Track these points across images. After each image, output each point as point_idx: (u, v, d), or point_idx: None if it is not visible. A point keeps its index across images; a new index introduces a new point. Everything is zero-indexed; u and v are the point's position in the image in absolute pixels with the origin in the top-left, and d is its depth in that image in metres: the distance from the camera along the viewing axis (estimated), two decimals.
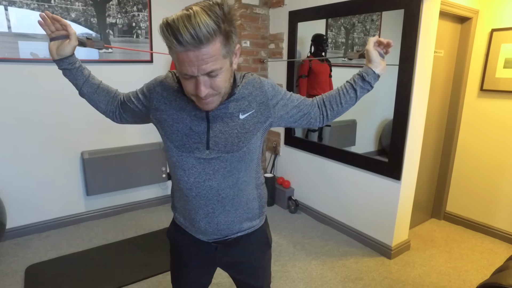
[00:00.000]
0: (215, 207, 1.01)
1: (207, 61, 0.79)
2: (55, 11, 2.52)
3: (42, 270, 2.26)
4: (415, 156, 2.43)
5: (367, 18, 2.59)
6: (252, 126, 0.98)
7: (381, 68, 1.09)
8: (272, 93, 1.01)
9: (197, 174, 0.98)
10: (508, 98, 2.66)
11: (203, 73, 0.81)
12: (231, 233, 1.06)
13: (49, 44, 1.01)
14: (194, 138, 0.95)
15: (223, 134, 0.95)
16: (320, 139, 3.15)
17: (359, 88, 1.09)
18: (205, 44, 0.77)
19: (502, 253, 2.62)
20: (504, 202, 2.77)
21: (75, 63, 1.07)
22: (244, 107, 0.96)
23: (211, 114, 0.95)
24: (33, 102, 2.58)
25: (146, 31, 2.94)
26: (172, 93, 0.98)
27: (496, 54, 2.68)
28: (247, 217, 1.08)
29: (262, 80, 1.01)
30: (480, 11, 2.74)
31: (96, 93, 1.12)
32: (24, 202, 2.67)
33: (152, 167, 3.11)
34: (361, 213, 2.69)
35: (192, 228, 1.07)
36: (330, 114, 1.11)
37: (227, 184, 0.99)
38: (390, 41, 1.07)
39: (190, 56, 0.78)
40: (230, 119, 0.95)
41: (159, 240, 2.67)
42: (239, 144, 0.96)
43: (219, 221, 1.02)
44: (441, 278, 2.29)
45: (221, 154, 0.96)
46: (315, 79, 3.08)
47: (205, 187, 0.98)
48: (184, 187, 1.00)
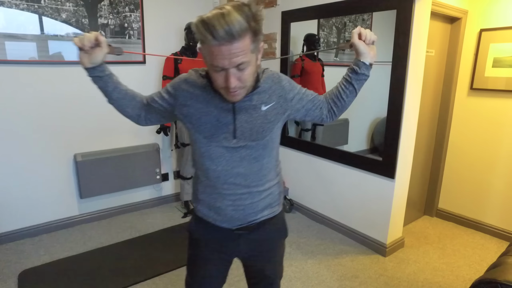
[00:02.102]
0: (242, 193, 1.08)
1: (237, 55, 0.87)
2: (45, 12, 2.48)
3: (35, 275, 2.23)
4: (408, 154, 2.46)
5: (358, 18, 2.61)
6: (273, 117, 1.07)
7: (371, 57, 1.14)
8: (289, 87, 1.11)
9: (225, 162, 1.05)
10: (497, 96, 2.72)
11: (233, 65, 0.89)
12: (254, 218, 1.12)
13: (80, 53, 1.03)
14: (221, 129, 1.03)
15: (248, 124, 1.04)
16: (313, 138, 3.17)
17: (355, 81, 1.16)
18: (237, 39, 0.85)
19: (493, 248, 2.67)
20: (494, 198, 2.83)
21: (105, 70, 1.09)
22: (265, 99, 1.05)
23: (236, 105, 1.02)
24: (24, 105, 2.53)
25: (138, 31, 2.92)
26: (198, 88, 1.05)
27: (485, 54, 2.73)
28: (269, 203, 1.15)
29: (280, 75, 1.11)
30: (469, 12, 2.80)
31: (124, 99, 1.14)
32: (16, 206, 2.63)
33: (146, 168, 3.09)
34: (356, 212, 2.72)
35: (217, 217, 1.12)
36: (336, 110, 1.22)
37: (252, 170, 1.07)
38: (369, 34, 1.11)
39: (223, 50, 0.85)
40: (253, 110, 1.04)
41: (154, 242, 2.65)
42: (263, 133, 1.05)
43: (245, 206, 1.09)
44: (435, 274, 2.33)
45: (247, 142, 1.04)
46: (307, 78, 3.09)
47: (232, 174, 1.06)
48: (212, 176, 1.07)
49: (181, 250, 2.55)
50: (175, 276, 2.26)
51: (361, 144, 2.91)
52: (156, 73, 3.10)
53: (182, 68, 2.95)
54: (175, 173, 3.43)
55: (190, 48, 2.98)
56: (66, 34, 2.59)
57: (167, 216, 3.14)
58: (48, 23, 2.51)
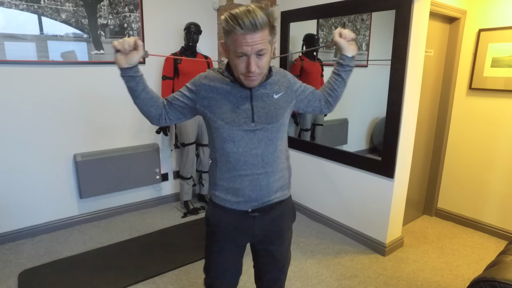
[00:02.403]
0: (259, 173, 1.21)
1: (258, 43, 1.05)
2: (44, 12, 2.48)
3: (35, 275, 2.23)
4: (407, 154, 2.47)
5: (357, 18, 2.62)
6: (283, 104, 1.25)
7: (351, 50, 1.33)
8: (293, 81, 1.32)
9: (245, 144, 1.19)
10: (495, 96, 2.73)
11: (255, 52, 1.06)
12: (268, 199, 1.26)
13: (117, 55, 1.12)
14: (241, 114, 1.18)
15: (263, 109, 1.20)
16: (313, 138, 3.18)
17: (342, 73, 1.37)
18: (259, 30, 1.04)
19: (492, 247, 2.68)
20: (493, 198, 2.84)
21: (139, 71, 1.18)
22: (276, 89, 1.24)
23: (253, 94, 1.20)
24: (23, 105, 2.54)
25: (138, 31, 2.92)
26: (217, 82, 1.21)
27: (484, 54, 2.74)
28: (281, 185, 1.29)
29: (285, 71, 1.33)
30: (467, 12, 2.80)
31: (151, 99, 1.23)
32: (16, 206, 2.63)
33: (145, 168, 3.09)
34: (355, 211, 2.73)
35: (235, 199, 1.25)
36: (332, 101, 1.41)
37: (268, 151, 1.22)
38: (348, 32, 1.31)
39: (247, 38, 1.04)
40: (267, 98, 1.22)
41: (154, 242, 2.66)
42: (277, 116, 1.22)
43: (262, 186, 1.22)
44: (434, 273, 2.34)
45: (263, 125, 1.20)
46: (307, 78, 3.10)
47: (251, 155, 1.20)
48: (233, 158, 1.21)
49: (181, 250, 2.55)
50: (175, 276, 2.26)
51: (360, 144, 2.92)
52: (155, 73, 3.10)
53: (182, 68, 2.95)
54: (174, 173, 3.44)
55: (190, 48, 2.99)
56: (66, 34, 2.60)
57: (166, 216, 3.14)
58: (48, 23, 2.51)
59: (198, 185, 3.43)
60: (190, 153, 3.10)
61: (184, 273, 2.30)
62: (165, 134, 3.09)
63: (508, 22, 2.59)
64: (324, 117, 3.08)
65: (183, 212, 3.19)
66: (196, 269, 2.34)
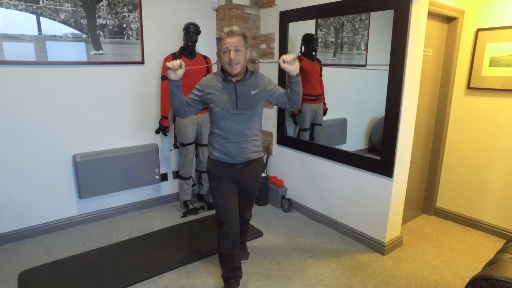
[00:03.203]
0: (241, 140, 1.89)
1: (235, 43, 1.76)
2: (43, 12, 2.48)
3: (35, 275, 2.23)
4: (406, 153, 2.48)
5: (356, 18, 2.63)
6: (258, 98, 1.90)
7: (293, 70, 1.80)
8: (268, 83, 1.95)
9: (231, 122, 1.86)
10: (494, 95, 2.74)
11: (233, 47, 1.76)
12: (248, 157, 1.93)
13: (169, 71, 1.74)
14: (229, 103, 1.85)
15: (244, 100, 1.86)
16: (312, 138, 3.18)
17: (292, 85, 1.87)
18: (235, 35, 1.76)
19: (490, 246, 2.69)
20: (491, 196, 2.85)
21: (180, 81, 1.80)
22: (254, 87, 1.89)
23: (238, 90, 1.85)
24: (22, 105, 2.53)
25: (137, 32, 2.92)
26: (215, 82, 1.88)
27: (482, 53, 2.75)
28: (255, 150, 1.96)
29: (264, 76, 1.97)
30: (465, 11, 2.82)
31: (182, 101, 1.85)
32: (15, 206, 2.63)
33: (145, 168, 3.09)
34: (354, 211, 2.73)
35: (226, 157, 1.91)
36: (291, 102, 1.93)
37: (246, 127, 1.89)
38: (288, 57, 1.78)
39: (228, 39, 1.75)
40: (247, 93, 1.87)
41: (154, 242, 2.66)
42: (253, 106, 1.88)
43: (243, 148, 1.90)
44: (433, 272, 2.35)
45: (243, 110, 1.86)
46: (306, 78, 3.10)
47: (236, 129, 1.87)
48: (224, 130, 1.87)
49: (181, 250, 2.56)
50: (175, 276, 2.26)
51: (359, 143, 2.92)
52: (155, 74, 3.11)
53: None
54: (174, 173, 3.44)
55: (189, 48, 2.99)
56: (64, 34, 2.60)
57: (166, 216, 3.14)
58: (46, 23, 2.51)
59: (197, 185, 3.43)
60: (189, 153, 3.11)
61: (184, 273, 2.30)
62: (164, 134, 3.09)
63: (506, 22, 2.61)
64: (323, 117, 3.09)
65: (183, 212, 3.19)
66: (196, 269, 2.34)
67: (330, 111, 3.02)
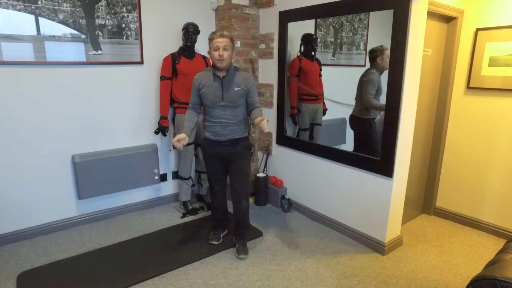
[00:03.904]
0: (226, 124, 2.32)
1: (224, 43, 2.19)
2: (42, 13, 2.47)
3: (34, 276, 2.22)
4: (406, 153, 2.47)
5: (355, 18, 2.62)
6: (240, 94, 2.32)
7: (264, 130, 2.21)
8: (250, 85, 2.36)
9: (219, 111, 2.30)
10: (493, 95, 2.74)
11: (222, 45, 2.18)
12: (232, 136, 2.35)
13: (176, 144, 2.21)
14: (217, 97, 2.28)
15: (228, 95, 2.28)
16: (311, 138, 3.18)
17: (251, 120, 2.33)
18: (225, 37, 2.20)
19: (490, 246, 2.69)
20: (491, 196, 2.85)
21: (190, 135, 2.32)
22: (238, 84, 2.30)
23: (224, 86, 2.27)
24: (21, 106, 2.53)
25: (135, 32, 2.91)
26: (206, 77, 2.30)
27: (481, 53, 2.75)
28: (239, 131, 2.38)
29: (250, 78, 2.38)
30: (465, 11, 2.81)
31: (196, 122, 2.44)
32: (14, 207, 2.62)
33: (144, 169, 3.08)
34: (354, 211, 2.73)
35: (215, 136, 2.35)
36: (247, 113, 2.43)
37: (231, 115, 2.32)
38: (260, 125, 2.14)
39: (219, 40, 2.18)
40: (231, 89, 2.28)
41: (153, 243, 2.65)
42: (235, 99, 2.30)
43: (227, 130, 2.33)
44: (433, 272, 2.34)
45: (227, 103, 2.29)
46: (305, 78, 3.10)
47: (222, 116, 2.31)
48: (213, 116, 2.32)
49: (180, 250, 2.55)
50: (174, 277, 2.26)
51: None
52: (154, 74, 3.10)
53: (180, 68, 2.95)
54: (173, 173, 3.43)
55: (188, 48, 2.98)
56: (63, 35, 2.59)
57: (166, 217, 3.14)
58: (45, 24, 2.50)
59: (196, 185, 3.43)
60: (188, 154, 3.10)
61: (184, 273, 2.29)
62: (164, 135, 3.08)
63: (505, 22, 2.61)
64: (322, 117, 3.08)
65: (182, 213, 3.19)
66: (196, 269, 2.34)
67: (330, 111, 3.02)
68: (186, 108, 3.00)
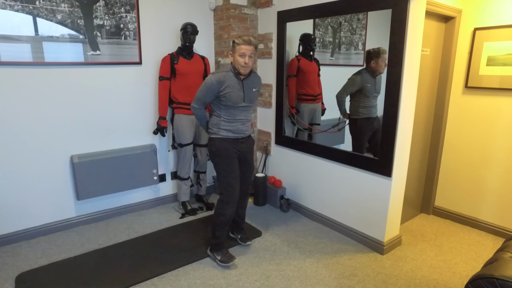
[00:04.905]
0: (243, 122, 2.38)
1: (251, 51, 2.20)
2: (40, 13, 2.46)
3: (33, 278, 2.22)
4: (405, 153, 2.48)
5: (354, 17, 2.63)
6: (257, 95, 2.44)
7: None
8: (259, 87, 2.46)
9: (239, 111, 2.33)
10: (491, 94, 2.74)
11: (248, 53, 2.19)
12: (245, 134, 2.43)
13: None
14: (239, 98, 2.29)
15: (248, 96, 2.34)
16: (310, 138, 3.18)
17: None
18: (251, 45, 2.20)
19: (489, 245, 2.70)
20: (489, 195, 2.85)
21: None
22: (255, 85, 2.39)
23: (244, 88, 2.31)
24: (19, 106, 2.52)
25: (134, 32, 2.91)
26: (229, 79, 2.26)
27: (479, 52, 2.76)
28: (249, 128, 2.46)
29: (260, 77, 2.48)
30: (463, 11, 2.82)
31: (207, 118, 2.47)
32: (12, 208, 2.61)
33: (143, 169, 3.08)
34: (353, 210, 2.73)
35: (233, 134, 2.36)
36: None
37: (247, 115, 2.40)
38: None
39: (246, 47, 2.18)
40: (251, 90, 2.35)
41: (152, 243, 2.65)
42: (254, 100, 2.40)
43: (244, 127, 2.40)
44: (432, 271, 2.35)
45: (248, 104, 2.35)
46: (304, 78, 3.10)
47: (241, 116, 2.36)
48: (231, 116, 2.32)
49: (180, 251, 2.55)
50: (174, 277, 2.25)
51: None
52: (152, 74, 3.10)
53: (179, 68, 2.94)
54: (172, 173, 3.43)
55: (186, 48, 2.98)
56: (61, 35, 2.58)
57: (164, 217, 3.13)
58: (43, 24, 2.50)
59: (195, 185, 3.42)
60: (187, 154, 3.10)
61: (183, 274, 2.29)
62: (162, 135, 3.08)
63: (503, 21, 2.61)
64: (321, 117, 3.09)
65: (181, 213, 3.18)
66: (195, 269, 2.34)
67: (329, 111, 3.02)
68: (185, 108, 3.00)
